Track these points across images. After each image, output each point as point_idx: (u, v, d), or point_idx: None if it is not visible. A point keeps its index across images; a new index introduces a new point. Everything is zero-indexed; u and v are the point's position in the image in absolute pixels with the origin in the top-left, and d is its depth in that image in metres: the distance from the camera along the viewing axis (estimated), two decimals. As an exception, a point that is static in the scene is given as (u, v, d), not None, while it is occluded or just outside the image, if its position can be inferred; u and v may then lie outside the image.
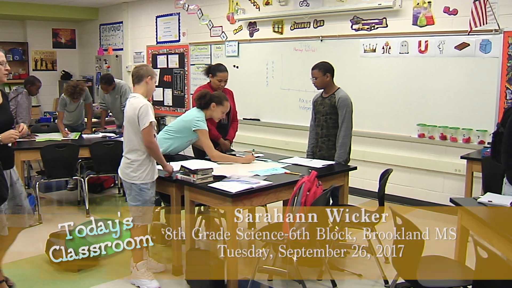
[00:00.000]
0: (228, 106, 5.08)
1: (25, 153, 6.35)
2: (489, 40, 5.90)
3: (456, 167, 6.23)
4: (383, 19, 6.83)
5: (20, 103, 6.65)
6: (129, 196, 4.23)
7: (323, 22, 7.52)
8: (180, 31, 9.83)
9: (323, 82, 5.06)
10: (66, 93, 6.93)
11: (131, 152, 4.18)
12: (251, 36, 8.49)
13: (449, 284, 3.21)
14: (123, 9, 11.08)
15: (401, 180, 6.70)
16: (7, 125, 3.79)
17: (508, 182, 3.77)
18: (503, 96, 5.83)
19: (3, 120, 3.78)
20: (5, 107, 3.87)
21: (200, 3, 9.08)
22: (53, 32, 12.56)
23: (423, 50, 6.43)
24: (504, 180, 3.83)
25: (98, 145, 6.46)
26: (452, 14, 6.22)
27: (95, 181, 7.33)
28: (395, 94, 6.76)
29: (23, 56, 12.04)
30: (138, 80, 4.24)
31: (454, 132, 6.26)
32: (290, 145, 7.68)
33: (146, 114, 4.08)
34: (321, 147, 5.12)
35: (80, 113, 7.40)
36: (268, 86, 8.26)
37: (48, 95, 11.94)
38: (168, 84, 10.14)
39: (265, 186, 4.08)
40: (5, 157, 3.71)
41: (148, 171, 4.18)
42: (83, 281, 4.33)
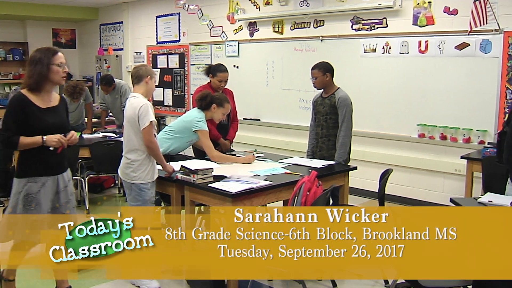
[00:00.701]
0: (229, 108, 5.08)
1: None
2: (489, 40, 5.89)
3: (456, 167, 6.23)
4: (383, 19, 6.83)
5: None
6: (129, 196, 4.23)
7: (323, 22, 7.52)
8: (180, 31, 9.83)
9: (323, 82, 5.06)
10: (66, 93, 6.93)
11: (131, 152, 4.18)
12: (251, 36, 8.49)
13: (449, 284, 3.21)
14: (123, 9, 11.08)
15: (401, 180, 6.69)
16: (58, 128, 3.64)
17: (511, 181, 3.77)
18: (503, 96, 5.83)
19: (53, 122, 3.63)
20: (59, 110, 3.72)
21: (200, 3, 9.07)
22: (53, 32, 12.56)
23: (423, 50, 6.43)
24: (508, 180, 3.82)
25: (98, 145, 6.46)
26: (452, 14, 6.22)
27: (95, 181, 7.33)
28: (395, 94, 6.75)
29: (23, 56, 12.02)
30: (137, 81, 4.25)
31: (454, 132, 6.25)
32: (290, 145, 7.68)
33: (146, 113, 4.08)
34: (321, 147, 5.12)
35: (80, 113, 7.41)
36: (268, 86, 8.26)
37: (48, 95, 11.91)
38: (168, 84, 10.14)
39: (265, 186, 4.09)
40: (48, 161, 3.63)
41: (148, 171, 4.18)
42: (83, 281, 4.33)
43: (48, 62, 3.56)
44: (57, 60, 3.60)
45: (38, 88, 3.58)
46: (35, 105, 3.57)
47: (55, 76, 3.60)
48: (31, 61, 3.59)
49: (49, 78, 3.58)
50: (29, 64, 3.60)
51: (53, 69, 3.58)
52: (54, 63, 3.58)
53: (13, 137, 3.52)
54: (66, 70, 3.68)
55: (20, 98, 3.57)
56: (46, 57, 3.57)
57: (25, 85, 3.62)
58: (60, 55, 3.64)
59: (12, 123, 3.53)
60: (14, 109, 3.56)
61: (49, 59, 3.57)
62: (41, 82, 3.56)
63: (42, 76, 3.55)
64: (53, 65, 3.57)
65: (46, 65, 3.55)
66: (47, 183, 3.65)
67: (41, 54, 3.58)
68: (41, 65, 3.54)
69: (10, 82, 11.59)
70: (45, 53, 3.59)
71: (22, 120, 3.53)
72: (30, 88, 3.57)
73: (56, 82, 3.65)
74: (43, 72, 3.54)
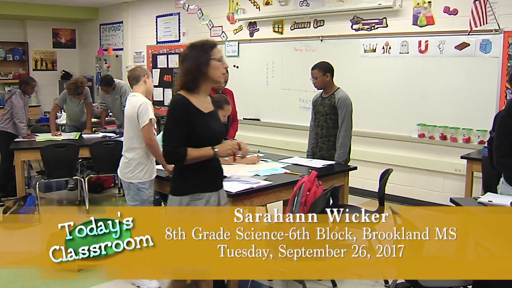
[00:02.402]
0: (229, 110, 5.07)
1: (25, 153, 6.36)
2: (489, 40, 5.90)
3: (456, 167, 6.23)
4: (383, 19, 6.83)
5: (14, 104, 6.63)
6: (128, 196, 4.26)
7: (323, 22, 7.52)
8: (180, 31, 9.83)
9: (323, 82, 5.05)
10: (69, 92, 6.98)
11: (129, 150, 4.20)
12: (251, 36, 8.49)
13: (449, 284, 3.21)
14: (123, 9, 11.08)
15: (401, 180, 6.69)
16: (222, 137, 3.24)
17: (504, 181, 3.76)
18: (503, 96, 5.83)
19: (218, 130, 3.20)
20: (216, 115, 3.28)
21: (200, 3, 9.07)
22: (53, 32, 12.55)
23: (423, 50, 6.43)
24: (501, 179, 3.82)
25: (98, 145, 6.46)
26: (452, 14, 6.22)
27: (95, 181, 7.34)
28: (395, 94, 6.75)
29: (23, 56, 12.03)
30: (135, 81, 4.28)
31: (454, 132, 6.25)
32: (290, 145, 7.68)
33: (146, 111, 4.10)
34: (321, 147, 5.11)
35: (82, 111, 7.40)
36: (268, 86, 8.26)
37: (48, 95, 11.93)
38: (168, 84, 10.14)
39: (265, 186, 4.09)
40: (211, 174, 3.18)
41: (146, 170, 4.20)
42: (83, 281, 4.33)
43: (207, 57, 3.08)
44: (217, 54, 3.11)
45: (196, 88, 3.10)
46: (198, 109, 3.09)
47: (215, 72, 3.10)
48: (186, 58, 3.12)
49: (208, 75, 3.09)
50: (183, 61, 3.13)
51: (213, 64, 3.09)
52: (213, 57, 3.09)
53: (180, 149, 3.02)
54: (226, 66, 3.27)
55: (183, 100, 3.06)
56: (203, 51, 3.09)
57: (179, 86, 3.13)
58: (219, 49, 3.15)
59: (179, 131, 3.02)
60: (180, 115, 3.03)
61: (208, 54, 3.09)
62: (199, 80, 3.09)
63: (201, 73, 3.08)
64: (213, 60, 3.09)
65: (205, 60, 3.07)
66: (211, 199, 3.21)
67: (197, 49, 3.11)
68: (197, 61, 3.06)
69: (10, 82, 11.58)
70: (202, 46, 3.12)
71: (190, 127, 3.03)
72: (187, 88, 3.09)
73: (215, 80, 3.15)
74: (202, 69, 3.07)
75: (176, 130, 3.02)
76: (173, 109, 3.09)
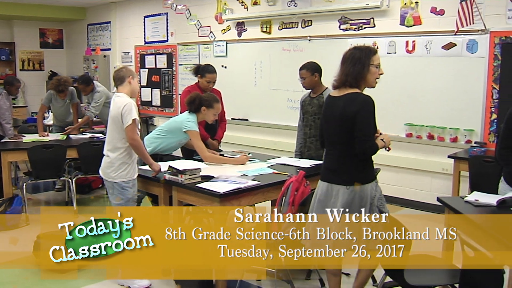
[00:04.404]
0: (219, 108, 5.07)
1: (12, 153, 6.32)
2: (475, 40, 5.94)
3: (444, 166, 6.26)
4: (371, 19, 6.86)
5: (0, 105, 6.58)
6: (112, 195, 4.30)
7: (311, 22, 7.53)
8: (168, 31, 9.81)
9: (311, 82, 5.07)
10: (51, 87, 6.95)
11: (113, 150, 4.24)
12: (239, 36, 8.49)
13: (436, 282, 3.23)
14: (111, 9, 11.03)
15: (389, 179, 6.71)
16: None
17: (504, 179, 3.79)
18: (490, 96, 5.87)
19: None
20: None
21: (188, 3, 9.06)
22: (40, 32, 12.46)
23: (411, 50, 6.47)
24: (501, 178, 3.84)
25: (86, 146, 6.43)
26: (439, 14, 6.25)
27: (83, 181, 7.30)
28: (382, 94, 6.75)
29: (10, 56, 11.93)
30: (120, 82, 4.29)
31: (441, 131, 6.29)
32: (278, 145, 7.69)
33: (130, 112, 4.12)
34: (309, 147, 5.13)
35: (67, 111, 7.34)
36: (256, 86, 8.26)
37: (35, 95, 11.84)
38: (156, 84, 10.11)
39: (253, 186, 4.09)
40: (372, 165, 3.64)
41: (129, 170, 4.25)
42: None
43: (368, 62, 3.39)
44: (376, 60, 3.43)
45: (358, 87, 3.45)
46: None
47: (372, 77, 3.44)
48: (350, 59, 3.42)
49: (366, 79, 3.44)
50: (346, 62, 3.43)
51: (372, 70, 3.41)
52: (373, 63, 3.41)
53: (375, 142, 3.49)
54: (382, 72, 3.50)
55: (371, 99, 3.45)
56: (366, 56, 3.39)
57: (338, 83, 3.48)
58: (378, 56, 3.46)
59: (374, 126, 3.51)
60: (374, 112, 3.50)
61: (369, 59, 3.40)
62: (359, 82, 3.41)
63: (362, 76, 3.40)
64: (372, 66, 3.41)
65: (367, 65, 3.39)
66: (375, 185, 3.57)
67: (361, 53, 3.40)
68: (361, 65, 3.38)
69: (-4, 82, 11.50)
70: (366, 52, 3.41)
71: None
72: (350, 86, 3.43)
73: (369, 84, 3.49)
74: (363, 72, 3.39)
75: (373, 126, 3.50)
76: (371, 107, 3.47)
